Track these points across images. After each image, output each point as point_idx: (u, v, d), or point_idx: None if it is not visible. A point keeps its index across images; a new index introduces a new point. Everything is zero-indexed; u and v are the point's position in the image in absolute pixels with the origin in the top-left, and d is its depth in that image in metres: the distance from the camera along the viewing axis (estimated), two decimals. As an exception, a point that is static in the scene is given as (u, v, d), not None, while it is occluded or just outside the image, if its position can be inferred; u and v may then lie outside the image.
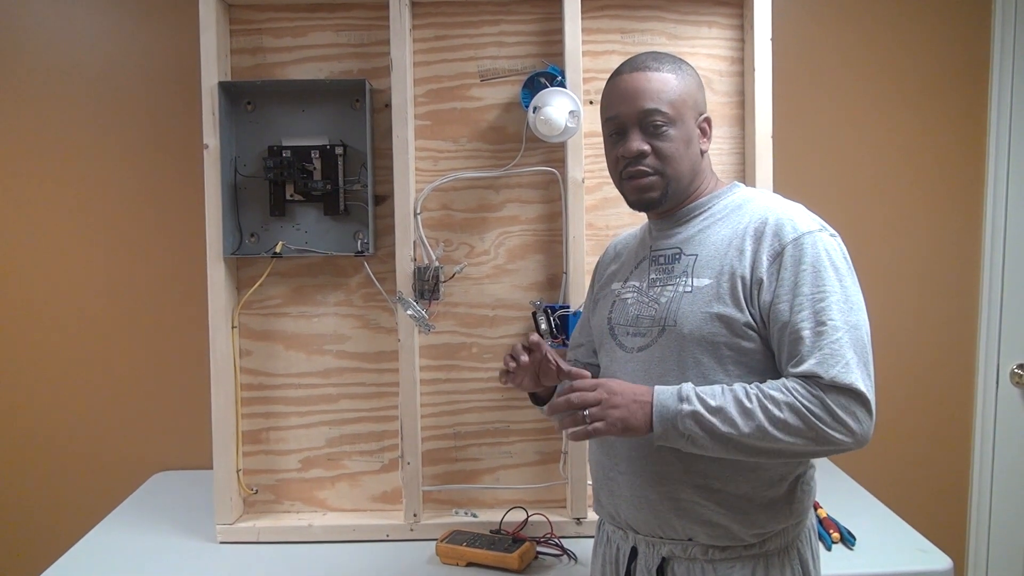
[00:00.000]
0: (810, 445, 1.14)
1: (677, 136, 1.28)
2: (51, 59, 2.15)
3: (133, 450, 2.23)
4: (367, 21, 1.82)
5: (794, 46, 2.18)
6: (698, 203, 1.33)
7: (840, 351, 1.14)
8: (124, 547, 1.78)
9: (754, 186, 1.74)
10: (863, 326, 1.18)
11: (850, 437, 1.14)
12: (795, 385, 1.15)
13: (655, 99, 1.27)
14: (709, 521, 1.24)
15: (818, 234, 1.21)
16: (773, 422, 1.13)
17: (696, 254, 1.28)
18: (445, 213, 1.84)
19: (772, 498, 1.25)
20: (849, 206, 2.22)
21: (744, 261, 1.22)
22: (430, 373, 1.86)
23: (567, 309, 1.79)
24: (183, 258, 2.16)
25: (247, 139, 1.82)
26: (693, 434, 1.16)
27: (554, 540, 1.72)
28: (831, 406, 1.13)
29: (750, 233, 1.24)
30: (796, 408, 1.13)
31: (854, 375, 1.14)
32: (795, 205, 1.28)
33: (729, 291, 1.22)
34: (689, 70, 1.33)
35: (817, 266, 1.18)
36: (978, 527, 2.31)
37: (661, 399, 1.18)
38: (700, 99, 1.33)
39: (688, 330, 1.24)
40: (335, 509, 1.89)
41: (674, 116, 1.28)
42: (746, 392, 1.16)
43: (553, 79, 1.76)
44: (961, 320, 2.29)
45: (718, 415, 1.15)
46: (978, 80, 2.23)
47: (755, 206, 1.29)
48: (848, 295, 1.18)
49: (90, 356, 2.22)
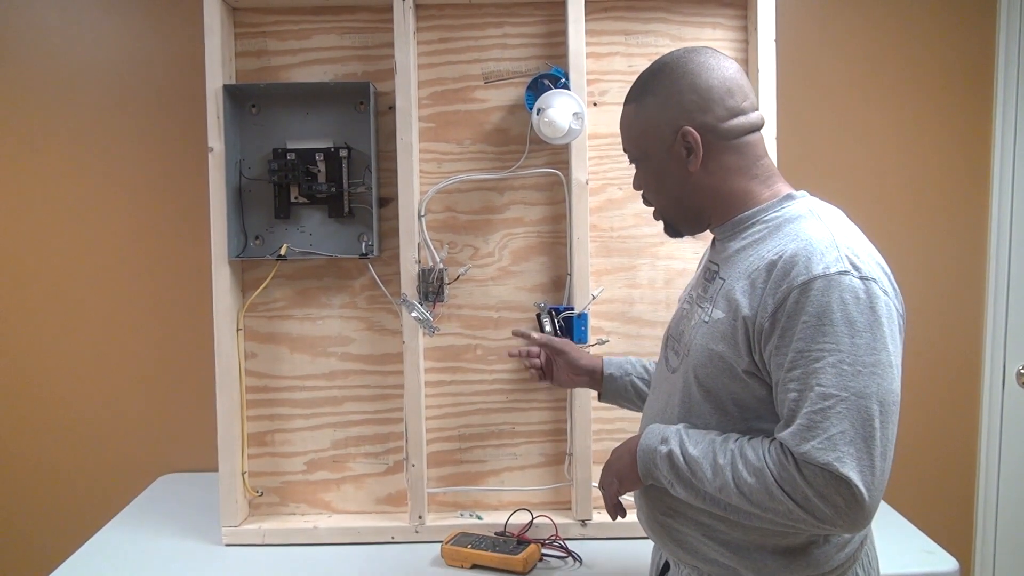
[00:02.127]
0: (780, 517, 1.03)
1: (646, 174, 1.23)
2: (55, 63, 2.16)
3: (139, 453, 2.24)
4: (371, 24, 1.82)
5: (798, 47, 2.17)
6: (744, 216, 1.18)
7: (824, 423, 0.98)
8: (130, 549, 1.78)
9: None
10: (872, 393, 0.99)
11: (826, 524, 1.00)
12: (772, 450, 1.04)
13: (624, 137, 1.25)
14: (714, 561, 1.16)
15: (837, 277, 1.01)
16: (738, 484, 1.04)
17: (725, 279, 1.16)
18: (449, 215, 1.84)
19: (787, 546, 1.12)
20: (853, 207, 2.18)
21: (753, 301, 1.08)
22: (435, 375, 1.86)
23: (571, 311, 1.79)
24: (188, 261, 2.17)
25: (251, 142, 1.82)
26: (666, 477, 1.13)
27: (559, 542, 1.72)
28: (801, 485, 0.99)
29: (764, 267, 1.08)
30: (763, 476, 1.02)
31: (836, 453, 0.97)
32: (831, 234, 1.08)
33: (731, 332, 1.10)
34: (657, 88, 1.17)
35: (821, 318, 1.00)
36: (984, 528, 2.30)
37: (645, 440, 1.17)
38: (672, 116, 1.16)
39: (694, 364, 1.15)
40: (340, 511, 1.89)
41: (637, 155, 1.23)
42: (726, 446, 1.08)
43: (557, 81, 1.76)
44: (967, 321, 2.29)
45: (692, 463, 1.09)
46: (983, 82, 2.23)
47: (791, 229, 1.11)
48: (858, 356, 0.99)
49: (95, 359, 2.22)
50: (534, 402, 1.87)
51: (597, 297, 1.80)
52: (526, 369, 1.67)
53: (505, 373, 1.86)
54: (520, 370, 1.85)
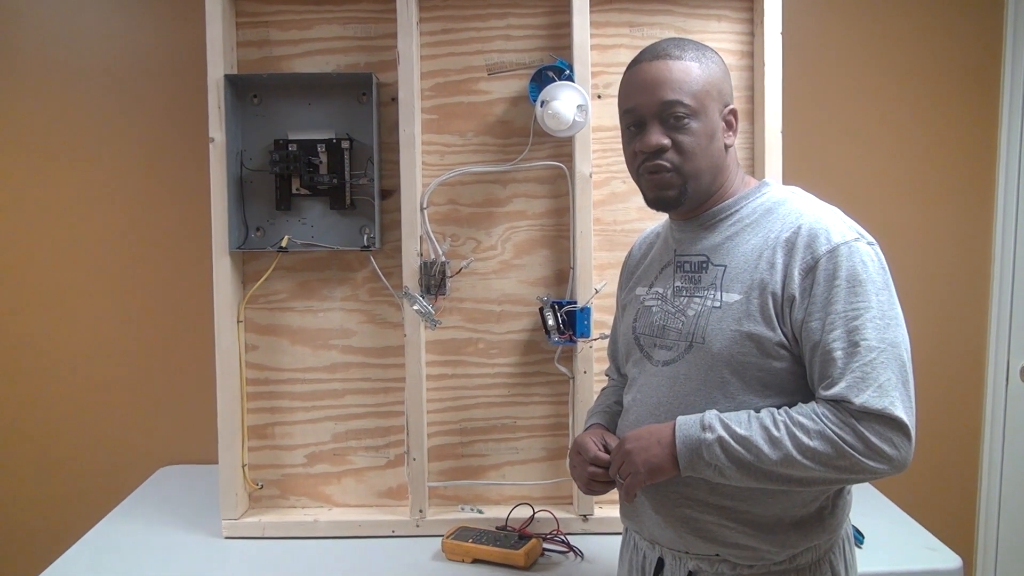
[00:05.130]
0: (843, 474, 1.09)
1: (699, 130, 1.20)
2: (56, 53, 2.15)
3: (139, 444, 2.23)
4: (374, 14, 1.81)
5: (804, 40, 2.16)
6: (724, 205, 1.26)
7: (873, 373, 1.08)
8: (129, 542, 1.78)
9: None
10: (902, 343, 1.11)
11: (886, 464, 1.08)
12: (825, 411, 1.09)
13: (676, 90, 1.19)
14: (737, 543, 1.19)
15: (854, 244, 1.13)
16: (802, 451, 1.08)
17: (725, 265, 1.21)
18: (452, 208, 1.83)
19: (803, 516, 1.19)
20: (858, 202, 2.19)
21: (776, 275, 1.15)
22: (436, 368, 1.85)
23: (574, 304, 1.78)
24: (189, 252, 2.16)
25: (253, 133, 1.81)
26: (719, 463, 1.12)
27: (560, 537, 1.71)
28: (864, 433, 1.07)
29: (781, 244, 1.16)
30: (826, 436, 1.08)
31: (888, 399, 1.07)
32: (829, 209, 1.20)
33: (760, 308, 1.15)
34: (714, 57, 1.24)
35: (852, 281, 1.11)
36: (987, 525, 2.30)
37: (684, 431, 1.15)
38: (726, 89, 1.24)
39: (717, 348, 1.17)
40: (340, 505, 1.88)
41: (696, 108, 1.19)
42: (774, 419, 1.11)
43: (561, 73, 1.75)
44: (970, 317, 2.28)
45: (745, 443, 1.10)
46: (989, 78, 2.21)
47: (786, 211, 1.21)
48: (884, 311, 1.11)
49: (95, 351, 2.22)
50: (535, 396, 1.86)
51: (600, 291, 1.79)
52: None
53: (507, 367, 1.85)
54: (521, 364, 1.84)
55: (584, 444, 1.30)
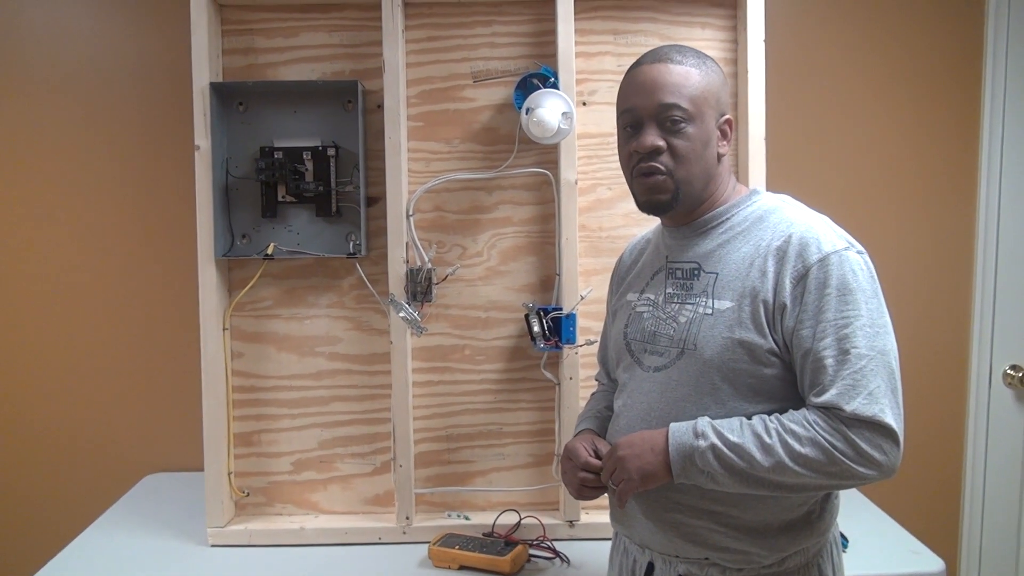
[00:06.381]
0: (834, 480, 1.11)
1: (694, 135, 1.21)
2: (40, 59, 2.14)
3: (125, 452, 2.22)
4: (359, 22, 1.81)
5: (787, 47, 2.17)
6: (716, 212, 1.27)
7: (863, 381, 1.10)
8: (115, 549, 1.77)
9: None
10: (891, 350, 1.13)
11: (876, 470, 1.10)
12: (816, 418, 1.11)
13: (674, 93, 1.20)
14: (726, 547, 1.21)
15: (844, 253, 1.15)
16: (794, 458, 1.10)
17: (717, 272, 1.23)
18: (438, 215, 1.84)
19: (792, 520, 1.21)
20: (842, 207, 2.20)
21: (767, 283, 1.17)
22: (423, 375, 1.85)
23: (560, 311, 1.78)
24: (174, 260, 2.15)
25: (239, 140, 1.81)
26: (712, 470, 1.13)
27: (547, 543, 1.71)
28: (854, 440, 1.09)
29: (773, 252, 1.18)
30: (818, 443, 1.10)
31: (878, 406, 1.09)
32: (820, 218, 1.22)
33: (751, 315, 1.17)
34: (715, 66, 1.26)
35: (842, 289, 1.13)
36: (971, 529, 2.31)
37: (677, 437, 1.16)
38: (724, 98, 1.26)
39: (709, 355, 1.19)
40: (327, 512, 1.88)
41: (693, 113, 1.21)
42: (766, 426, 1.13)
43: (546, 80, 1.76)
44: (954, 321, 2.29)
45: (737, 450, 1.12)
46: (971, 83, 2.23)
47: (777, 219, 1.23)
48: (874, 319, 1.13)
49: (81, 358, 2.21)
50: (522, 402, 1.86)
51: (586, 297, 1.80)
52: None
53: (493, 373, 1.86)
54: (507, 370, 1.85)
55: (575, 450, 1.31)
